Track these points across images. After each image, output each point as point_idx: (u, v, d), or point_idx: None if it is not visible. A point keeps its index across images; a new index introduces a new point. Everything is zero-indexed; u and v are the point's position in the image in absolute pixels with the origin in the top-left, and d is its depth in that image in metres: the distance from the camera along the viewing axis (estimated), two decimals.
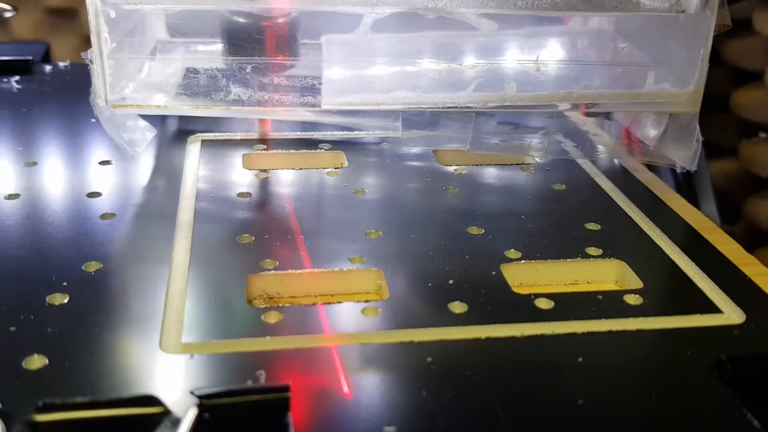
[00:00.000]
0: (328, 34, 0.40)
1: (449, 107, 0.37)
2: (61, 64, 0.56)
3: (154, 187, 0.37)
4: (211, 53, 0.40)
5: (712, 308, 0.29)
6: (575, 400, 0.24)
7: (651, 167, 0.41)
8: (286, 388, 0.23)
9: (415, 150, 0.42)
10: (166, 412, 0.22)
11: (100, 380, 0.24)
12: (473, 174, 0.40)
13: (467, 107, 0.37)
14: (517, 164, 0.41)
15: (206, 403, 0.22)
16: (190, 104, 0.37)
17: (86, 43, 0.83)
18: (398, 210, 0.36)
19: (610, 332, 0.27)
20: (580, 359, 0.26)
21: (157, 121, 0.42)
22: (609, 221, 0.35)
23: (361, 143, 0.43)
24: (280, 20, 0.38)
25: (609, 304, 0.29)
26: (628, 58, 0.40)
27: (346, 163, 0.40)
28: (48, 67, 0.55)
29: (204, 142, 0.42)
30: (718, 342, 0.27)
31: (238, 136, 0.43)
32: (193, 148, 0.41)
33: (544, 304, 0.29)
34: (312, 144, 0.42)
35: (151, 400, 0.23)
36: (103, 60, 0.34)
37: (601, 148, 0.42)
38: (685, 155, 0.37)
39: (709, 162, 0.48)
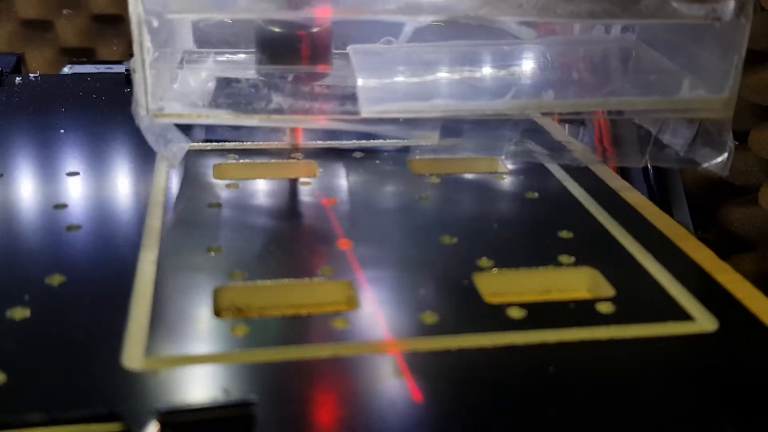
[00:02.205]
0: (355, 43, 0.40)
1: (488, 115, 0.37)
2: (32, 75, 0.55)
3: (122, 198, 0.36)
4: (242, 63, 0.40)
5: (685, 316, 0.29)
6: (547, 411, 0.23)
7: (624, 175, 0.41)
8: (250, 404, 0.22)
9: (388, 158, 0.42)
10: (127, 430, 0.22)
11: (60, 397, 0.23)
12: (446, 182, 0.39)
13: (505, 115, 0.37)
14: (490, 172, 0.41)
15: (167, 420, 0.21)
16: (231, 113, 0.37)
17: (61, 54, 0.82)
18: (370, 219, 0.35)
19: (581, 341, 0.27)
20: (551, 369, 0.25)
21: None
22: (581, 229, 0.35)
23: (334, 153, 0.43)
24: (315, 29, 0.38)
25: (581, 312, 0.28)
26: (651, 65, 0.40)
27: (318, 173, 0.40)
28: (18, 79, 0.54)
29: None
30: (691, 350, 0.27)
31: (209, 146, 0.42)
32: (163, 158, 0.40)
33: (516, 313, 0.28)
34: (284, 153, 0.42)
35: (111, 417, 0.22)
36: (145, 69, 0.34)
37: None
38: (718, 161, 0.37)
39: (682, 170, 0.48)
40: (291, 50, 0.38)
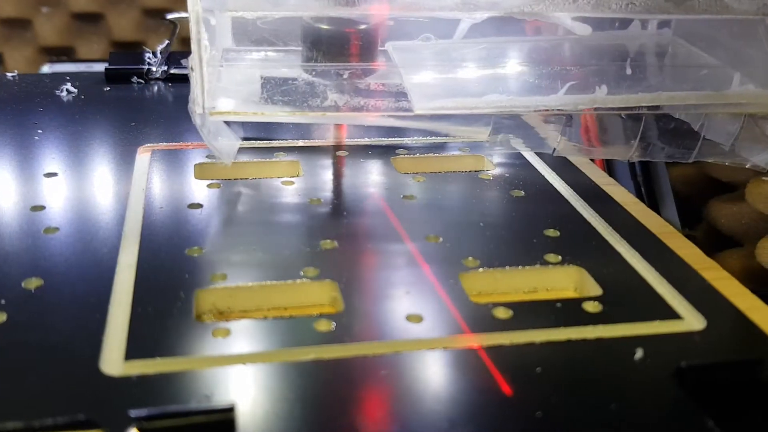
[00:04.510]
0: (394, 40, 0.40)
1: (540, 110, 0.37)
2: (9, 74, 0.54)
3: (100, 199, 0.36)
4: (285, 60, 0.40)
5: (673, 314, 0.28)
6: (533, 412, 0.23)
7: (610, 172, 0.40)
8: (230, 409, 0.22)
9: (372, 157, 0.41)
10: None
11: (37, 403, 0.23)
12: (431, 181, 0.39)
13: (558, 110, 0.37)
14: (475, 171, 0.41)
15: (146, 426, 0.21)
16: (286, 111, 0.36)
17: (40, 53, 0.81)
18: (354, 219, 0.35)
19: (569, 341, 0.26)
20: (538, 369, 0.25)
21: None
22: (568, 228, 0.34)
23: (317, 151, 0.42)
24: (364, 26, 0.38)
25: (568, 312, 0.28)
26: (690, 61, 0.40)
27: (301, 172, 0.40)
28: None
29: (155, 152, 0.41)
30: (678, 348, 0.27)
31: (191, 145, 0.42)
32: (143, 159, 0.40)
33: (502, 313, 0.28)
34: (267, 152, 0.41)
35: (90, 424, 0.22)
36: (202, 67, 0.33)
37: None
38: (764, 156, 0.37)
39: (668, 167, 0.48)
40: (342, 47, 0.38)
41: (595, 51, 0.40)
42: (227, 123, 0.38)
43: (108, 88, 0.52)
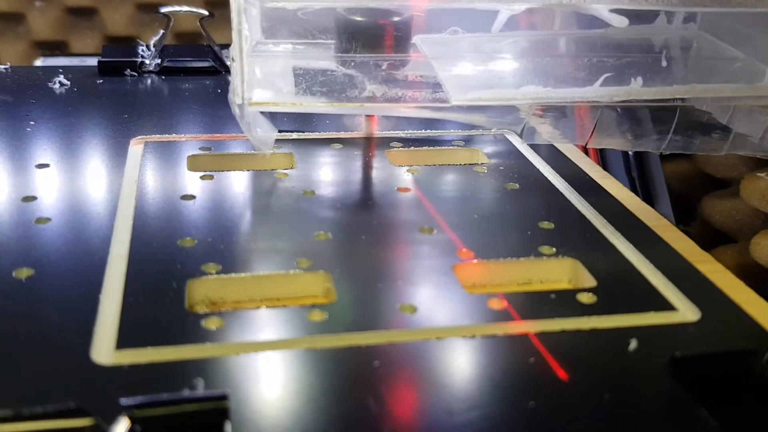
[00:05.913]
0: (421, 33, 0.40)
1: (576, 102, 0.37)
2: (2, 66, 0.54)
3: (92, 190, 0.35)
4: (316, 52, 0.40)
5: (667, 306, 0.28)
6: (527, 402, 0.23)
7: (605, 167, 0.40)
8: (224, 397, 0.21)
9: (366, 149, 0.41)
10: (97, 425, 0.21)
11: (27, 392, 0.22)
12: (426, 174, 0.39)
13: (594, 102, 0.37)
14: (470, 164, 0.40)
15: (137, 414, 0.21)
16: (324, 102, 0.36)
17: (34, 48, 0.81)
18: (348, 211, 0.35)
19: (563, 332, 0.26)
20: (532, 360, 0.25)
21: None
22: (562, 220, 0.34)
23: (311, 144, 0.42)
24: (397, 18, 0.38)
25: (562, 303, 0.28)
26: (716, 54, 0.40)
27: (295, 164, 0.39)
28: None
29: (147, 144, 0.40)
30: (673, 340, 0.26)
31: (184, 137, 0.41)
32: (136, 150, 0.40)
33: (496, 304, 0.28)
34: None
35: (80, 412, 0.21)
36: (242, 58, 0.33)
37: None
38: None
39: (663, 163, 0.48)
40: (379, 39, 0.38)
41: (623, 45, 0.40)
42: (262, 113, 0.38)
43: (101, 81, 0.52)
